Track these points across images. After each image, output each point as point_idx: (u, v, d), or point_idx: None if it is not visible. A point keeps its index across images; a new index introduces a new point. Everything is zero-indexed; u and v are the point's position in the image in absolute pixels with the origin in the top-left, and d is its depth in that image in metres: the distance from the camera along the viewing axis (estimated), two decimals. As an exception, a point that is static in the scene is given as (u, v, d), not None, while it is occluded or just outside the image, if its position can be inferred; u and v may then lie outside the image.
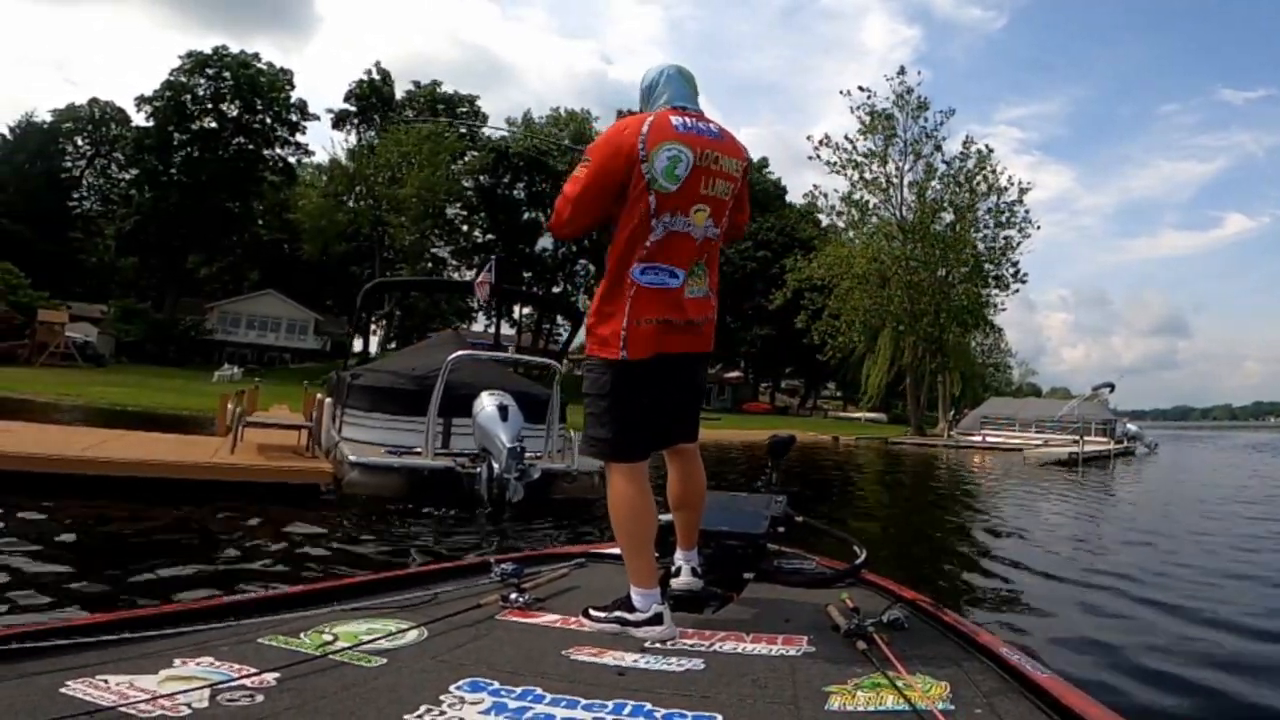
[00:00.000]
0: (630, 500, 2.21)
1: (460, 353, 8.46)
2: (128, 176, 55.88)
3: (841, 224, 44.82)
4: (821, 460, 22.33)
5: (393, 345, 43.69)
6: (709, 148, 2.25)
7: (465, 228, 55.67)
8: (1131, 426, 41.75)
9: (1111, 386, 37.70)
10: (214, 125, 52.86)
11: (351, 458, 7.47)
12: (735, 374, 64.89)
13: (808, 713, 1.58)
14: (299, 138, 56.44)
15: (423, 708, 1.50)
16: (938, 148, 41.33)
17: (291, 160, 56.81)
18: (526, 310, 55.62)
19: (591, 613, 2.21)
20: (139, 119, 53.68)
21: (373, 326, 55.69)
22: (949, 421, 42.51)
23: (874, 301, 41.51)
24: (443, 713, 1.49)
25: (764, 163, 63.77)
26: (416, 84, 56.83)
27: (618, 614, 2.16)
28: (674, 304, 2.23)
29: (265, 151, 55.47)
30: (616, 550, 2.90)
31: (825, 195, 44.45)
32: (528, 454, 7.88)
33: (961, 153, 41.67)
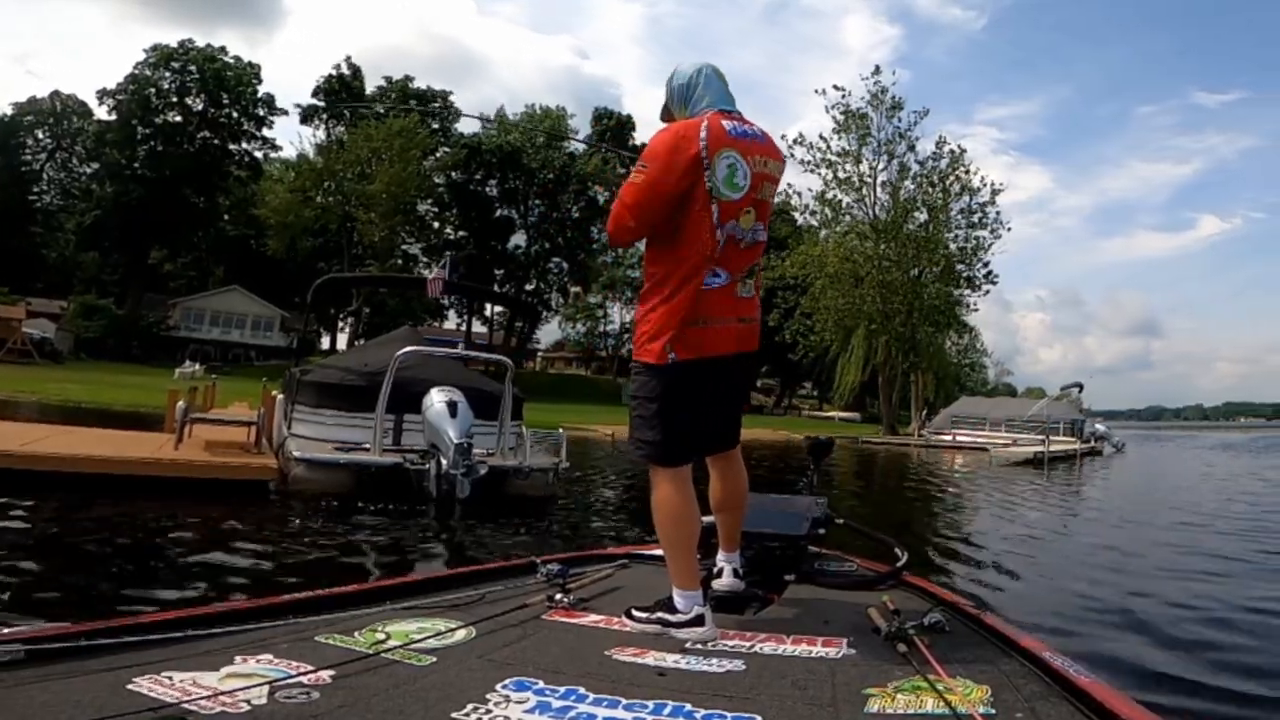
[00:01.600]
0: (675, 504, 2.23)
1: (409, 348, 8.50)
2: (89, 170, 55.01)
3: (815, 223, 45.22)
4: (796, 460, 22.58)
5: (360, 342, 43.46)
6: (759, 152, 2.26)
7: (436, 224, 55.46)
8: (1099, 426, 42.59)
9: (1080, 387, 38.59)
10: (179, 119, 52.26)
11: (297, 454, 7.50)
12: (709, 373, 65.25)
13: (847, 715, 1.59)
14: (266, 132, 56.06)
15: (469, 706, 1.54)
16: (911, 148, 41.81)
17: (258, 155, 56.36)
18: (499, 309, 55.70)
19: (634, 613, 2.24)
20: (101, 112, 52.99)
21: (340, 323, 55.40)
22: (921, 421, 43.03)
23: (847, 301, 41.94)
24: (489, 711, 1.53)
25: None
26: (388, 79, 56.49)
27: (659, 615, 2.19)
28: (726, 304, 2.25)
29: (231, 146, 54.91)
30: (659, 551, 3.01)
31: (799, 194, 44.82)
32: (478, 451, 7.97)
33: (934, 153, 42.22)
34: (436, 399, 7.66)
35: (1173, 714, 2.91)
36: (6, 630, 1.69)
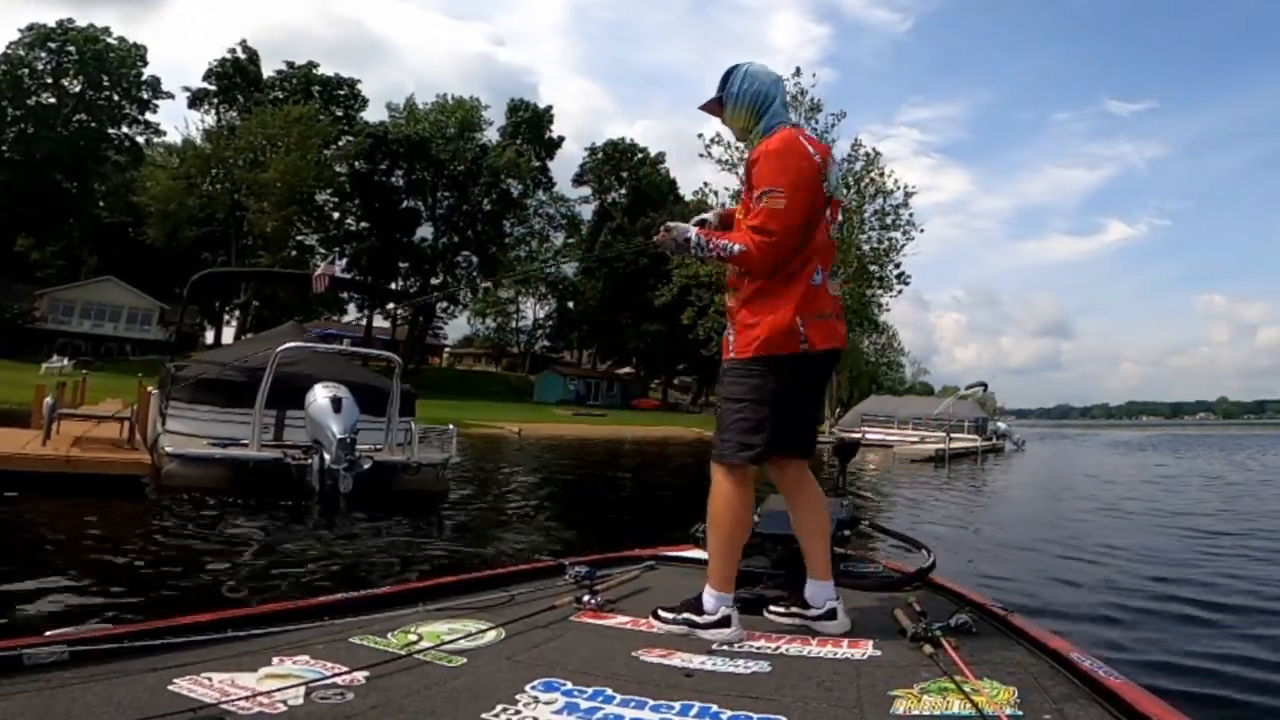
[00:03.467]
0: (740, 504, 2.29)
1: (292, 344, 8.73)
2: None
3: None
4: (707, 456, 23.40)
5: (248, 336, 42.20)
6: (828, 155, 2.40)
7: (336, 215, 54.16)
8: (1001, 425, 45.49)
9: (984, 386, 41.11)
10: (53, 101, 49.78)
11: (169, 449, 7.65)
12: (626, 370, 65.96)
13: (872, 716, 1.63)
14: (150, 116, 53.79)
15: (499, 707, 1.61)
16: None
17: (140, 140, 53.99)
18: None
19: (660, 613, 2.30)
20: (-34, 94, 49.78)
21: (226, 317, 53.46)
22: (833, 419, 44.86)
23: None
24: (518, 712, 1.59)
25: (660, 158, 65.22)
26: (289, 64, 54.89)
27: (686, 615, 2.25)
28: (829, 300, 2.37)
29: (110, 130, 52.48)
30: (686, 553, 3.27)
31: (715, 193, 45.97)
32: (365, 446, 8.28)
33: (850, 155, 44.03)
34: (320, 395, 7.93)
35: (1203, 714, 3.11)
36: (51, 632, 1.78)
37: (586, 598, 2.51)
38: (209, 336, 52.96)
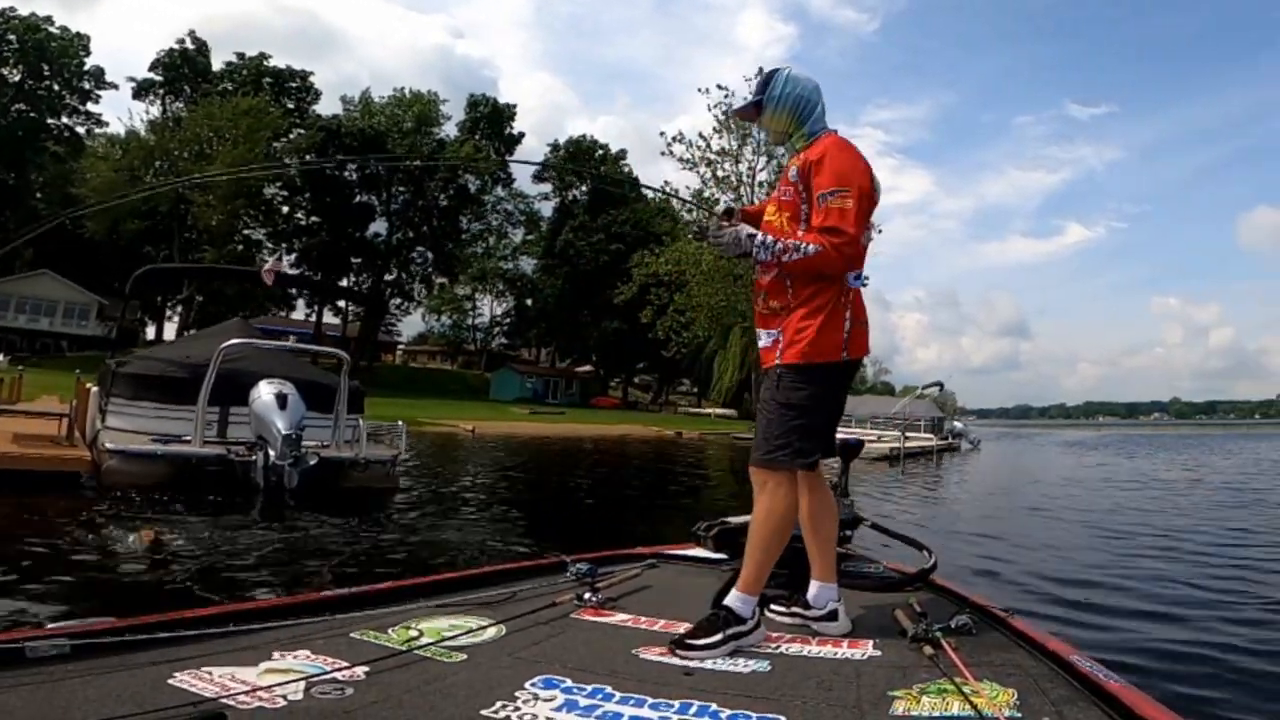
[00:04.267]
0: (791, 511, 2.32)
1: (236, 340, 8.80)
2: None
3: (690, 218, 46.94)
4: (675, 456, 23.81)
5: (191, 332, 41.47)
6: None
7: (285, 209, 53.38)
8: (957, 424, 46.70)
9: (940, 386, 42.12)
10: (-10, 91, 48.64)
11: (110, 445, 7.69)
12: (586, 368, 66.12)
13: (871, 717, 1.65)
14: (91, 107, 52.60)
15: (498, 703, 1.63)
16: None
17: (81, 130, 52.73)
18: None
19: (691, 642, 2.12)
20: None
21: (168, 312, 52.44)
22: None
23: (721, 298, 43.83)
24: (517, 709, 1.61)
25: (622, 154, 65.46)
26: (240, 55, 54.01)
27: (730, 631, 2.15)
28: (864, 305, 2.45)
29: (50, 120, 51.27)
30: (686, 552, 3.33)
31: (676, 191, 46.41)
32: (312, 443, 8.40)
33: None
34: (265, 391, 8.02)
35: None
36: (52, 625, 1.83)
37: (588, 595, 2.55)
38: (149, 332, 51.91)
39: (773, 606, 2.49)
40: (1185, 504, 12.85)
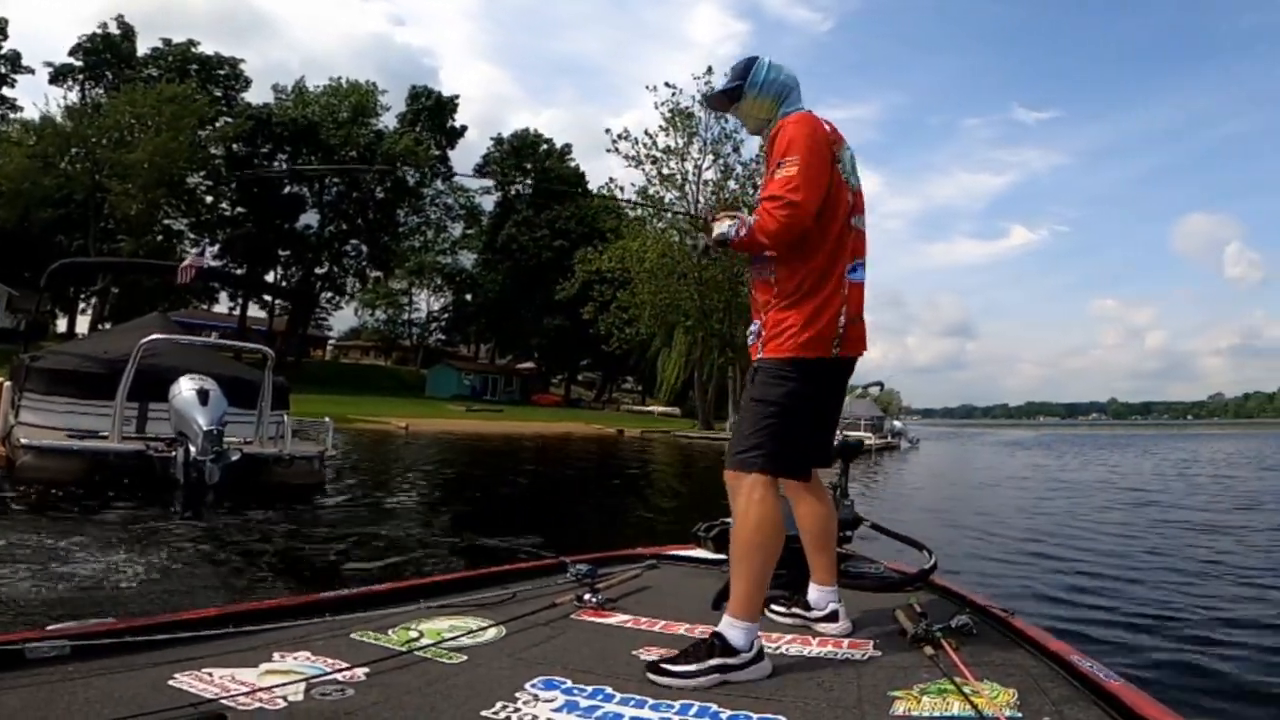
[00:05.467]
0: (778, 521, 2.13)
1: (157, 336, 8.90)
2: None
3: (633, 215, 47.42)
4: (620, 453, 24.18)
5: (106, 326, 40.34)
6: (841, 140, 2.34)
7: (210, 199, 52.14)
8: (897, 423, 48.20)
9: (880, 385, 43.45)
10: (-110, 74, 46.41)
11: (24, 441, 7.75)
12: (527, 365, 66.10)
13: (872, 717, 1.68)
14: (6, 92, 50.33)
15: (499, 704, 1.66)
16: (736, 149, 45.07)
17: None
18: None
19: (669, 668, 1.92)
20: None
21: (81, 304, 50.78)
22: (735, 415, 46.38)
23: (665, 296, 44.40)
24: (517, 710, 1.64)
25: (567, 149, 65.56)
26: (166, 41, 52.52)
27: (716, 662, 1.92)
28: (862, 301, 2.33)
29: (-42, 105, 49.25)
30: (687, 552, 3.38)
31: (621, 189, 46.91)
32: (234, 439, 8.57)
33: (758, 155, 45.66)
34: (186, 387, 8.17)
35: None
36: (52, 626, 1.85)
37: (587, 596, 2.59)
38: (61, 325, 50.22)
39: (773, 607, 2.50)
40: (1068, 505, 13.28)
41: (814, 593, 2.46)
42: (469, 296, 63.24)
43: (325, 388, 34.67)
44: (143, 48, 51.79)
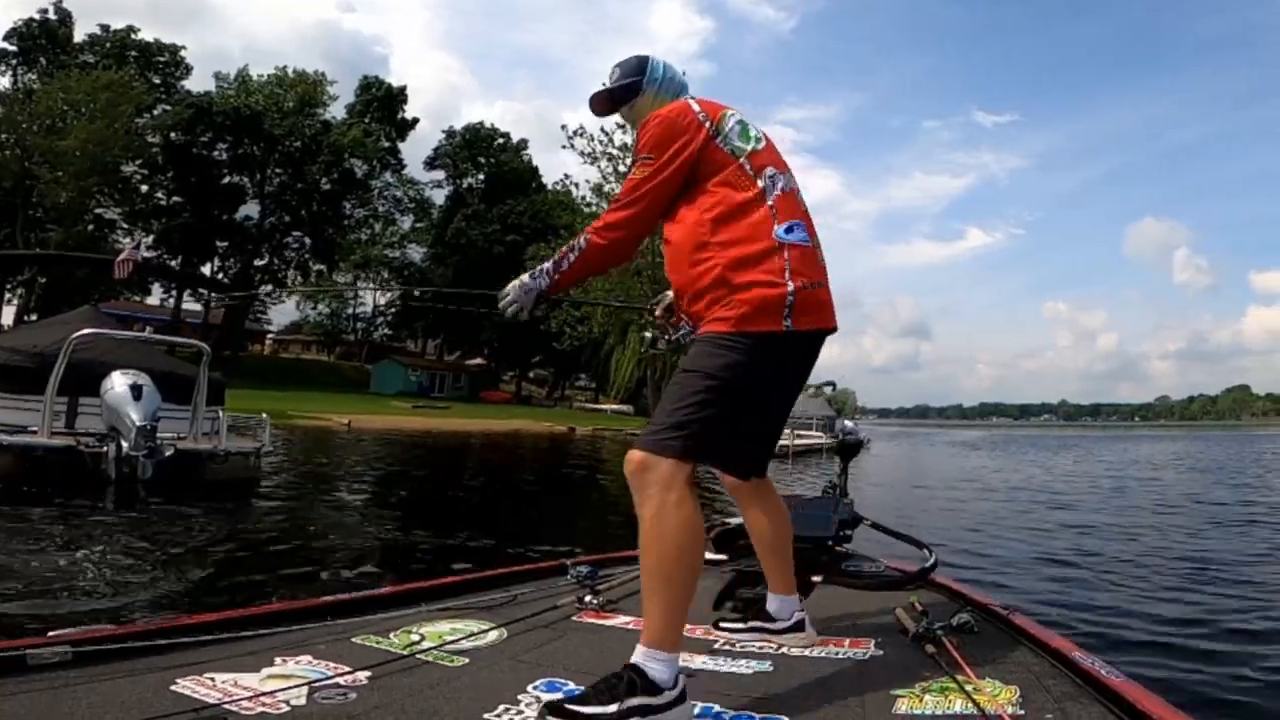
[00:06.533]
0: (697, 524, 1.76)
1: (88, 330, 8.95)
2: None
3: (591, 213, 47.73)
4: (574, 451, 24.41)
5: (33, 318, 39.28)
6: (724, 110, 2.11)
7: (145, 188, 50.95)
8: (848, 423, 48.87)
9: (833, 385, 44.46)
10: None
11: (-52, 436, 7.77)
12: (477, 361, 65.88)
13: (874, 716, 1.69)
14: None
15: (501, 707, 1.68)
16: (694, 146, 45.49)
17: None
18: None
19: (576, 710, 1.59)
20: None
21: (7, 295, 49.33)
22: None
23: (618, 294, 44.73)
24: (520, 712, 1.66)
25: (523, 144, 65.40)
26: (104, 27, 51.23)
27: (637, 702, 1.61)
28: (822, 267, 2.04)
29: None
30: None
31: (576, 185, 47.12)
32: (168, 434, 8.66)
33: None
34: (118, 382, 8.23)
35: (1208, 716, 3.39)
36: (54, 632, 1.85)
37: (588, 598, 2.61)
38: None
39: (722, 624, 2.40)
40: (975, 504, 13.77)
41: (772, 603, 2.33)
42: (417, 291, 62.69)
43: (264, 383, 34.31)
44: (80, 34, 50.67)
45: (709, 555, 3.19)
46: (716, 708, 1.70)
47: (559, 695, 1.70)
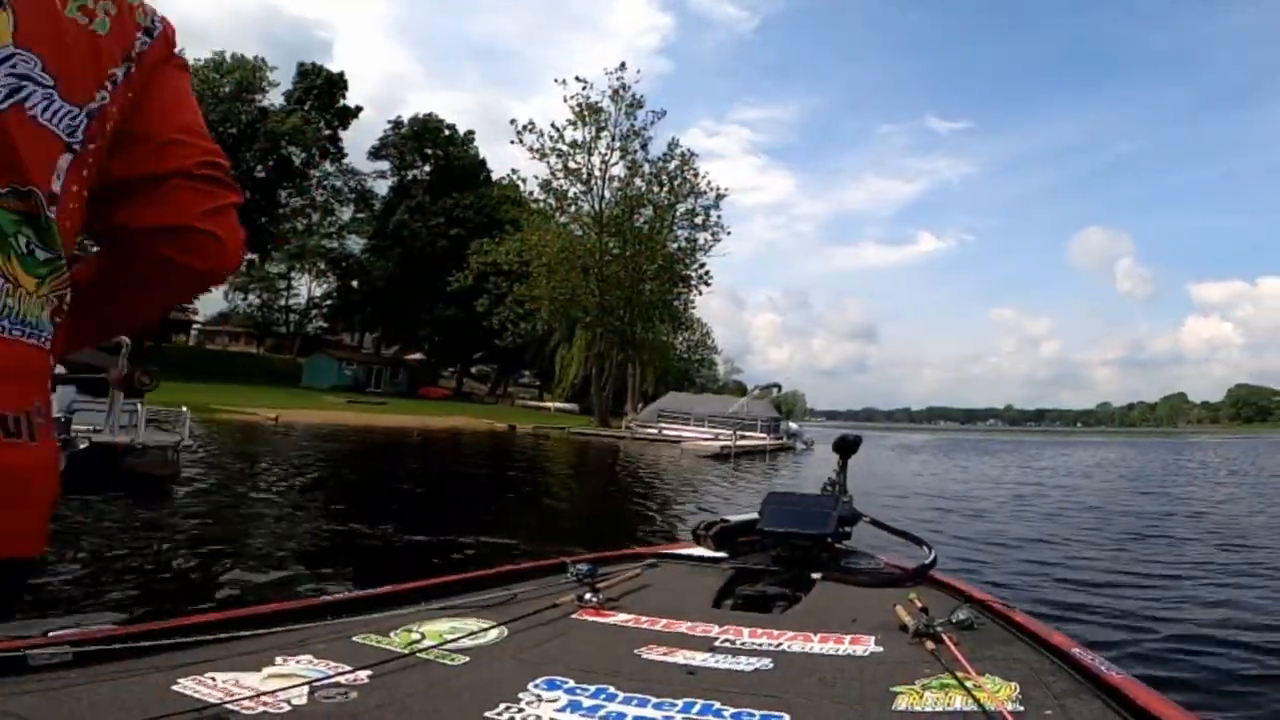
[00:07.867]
0: None
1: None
2: None
3: (539, 209, 47.82)
4: (517, 450, 24.51)
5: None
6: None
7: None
8: (793, 425, 50.15)
9: (778, 387, 45.59)
10: None
11: None
12: (416, 356, 65.25)
13: (874, 713, 1.72)
14: None
15: (502, 705, 1.69)
16: (644, 146, 46.00)
17: None
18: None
19: None
20: None
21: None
22: (635, 413, 47.38)
23: (563, 291, 44.95)
24: (521, 710, 1.68)
25: (470, 135, 64.93)
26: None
27: None
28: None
29: None
30: (688, 551, 3.52)
31: (524, 180, 47.17)
32: (84, 427, 8.65)
33: (666, 153, 46.84)
34: (30, 372, 8.20)
35: (1206, 711, 3.44)
36: (54, 632, 1.87)
37: (589, 596, 2.64)
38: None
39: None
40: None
41: None
42: (355, 283, 61.97)
43: (189, 375, 33.58)
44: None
45: (710, 553, 3.36)
46: (717, 704, 1.72)
47: (559, 693, 1.77)
